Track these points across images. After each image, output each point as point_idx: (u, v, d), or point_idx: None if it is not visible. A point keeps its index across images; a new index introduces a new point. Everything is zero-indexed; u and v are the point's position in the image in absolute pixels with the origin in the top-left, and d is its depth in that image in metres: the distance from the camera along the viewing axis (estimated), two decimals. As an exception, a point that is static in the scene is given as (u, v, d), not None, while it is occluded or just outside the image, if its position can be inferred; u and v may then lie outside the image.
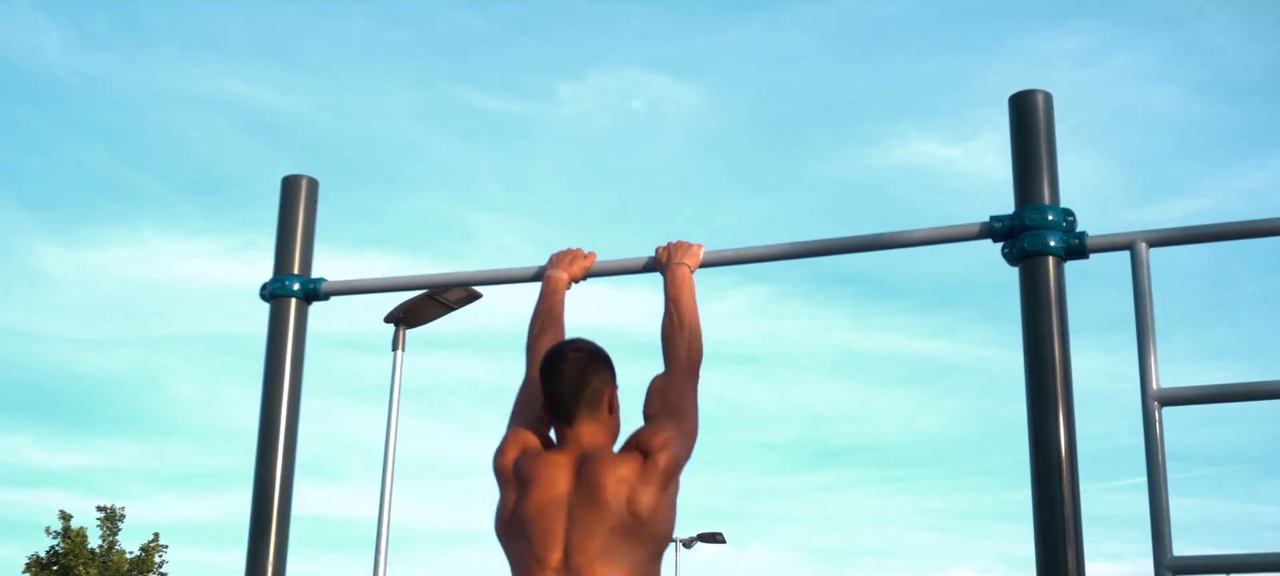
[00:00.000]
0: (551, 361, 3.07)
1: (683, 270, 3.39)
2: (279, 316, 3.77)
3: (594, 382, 3.04)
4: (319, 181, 3.93)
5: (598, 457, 2.97)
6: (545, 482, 2.98)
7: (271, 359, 3.74)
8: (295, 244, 3.84)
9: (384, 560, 9.73)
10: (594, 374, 3.04)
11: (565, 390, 3.02)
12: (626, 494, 2.91)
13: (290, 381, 3.72)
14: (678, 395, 3.13)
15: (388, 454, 10.02)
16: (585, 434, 3.02)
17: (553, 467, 2.99)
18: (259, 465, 3.67)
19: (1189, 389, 2.87)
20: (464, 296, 10.22)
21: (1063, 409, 2.98)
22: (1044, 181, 3.13)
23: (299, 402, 3.75)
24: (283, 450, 3.67)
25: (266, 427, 3.69)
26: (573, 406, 3.02)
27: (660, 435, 2.99)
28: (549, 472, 2.99)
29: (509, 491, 3.06)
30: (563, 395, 3.03)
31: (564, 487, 2.96)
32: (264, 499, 3.64)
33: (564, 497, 2.96)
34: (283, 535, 3.63)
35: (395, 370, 10.29)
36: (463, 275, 4.02)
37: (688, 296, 3.33)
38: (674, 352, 3.21)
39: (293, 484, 3.69)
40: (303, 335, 3.79)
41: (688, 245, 3.49)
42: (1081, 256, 3.09)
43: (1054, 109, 3.19)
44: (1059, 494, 2.91)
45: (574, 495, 2.95)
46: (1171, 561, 2.76)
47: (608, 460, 2.96)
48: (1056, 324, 3.02)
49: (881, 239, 3.31)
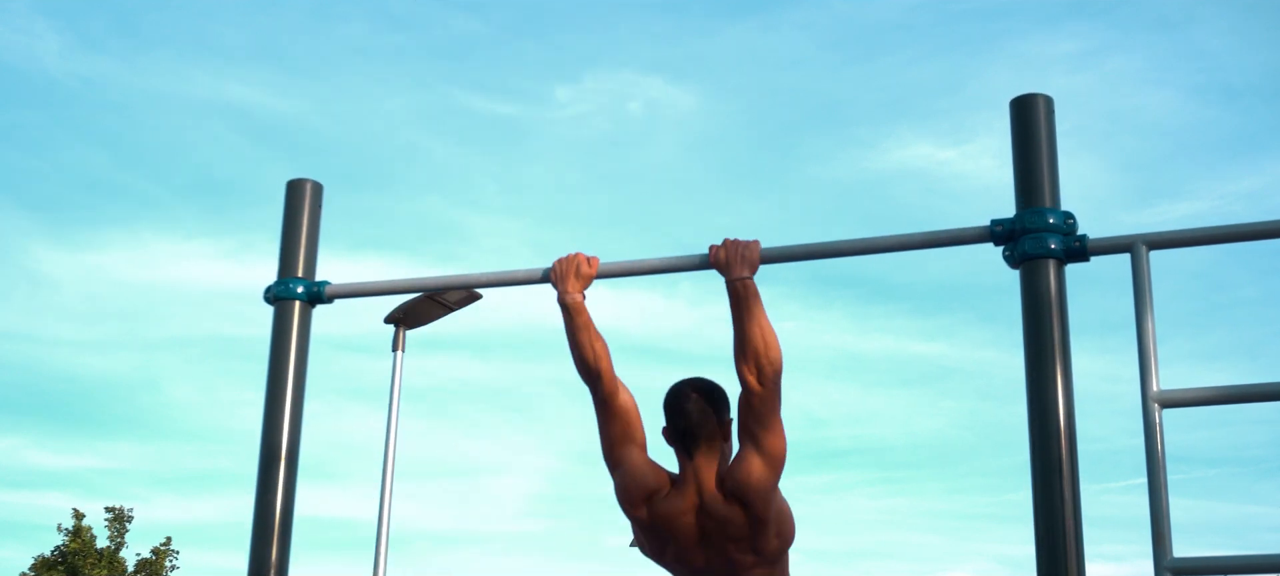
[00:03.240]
0: (677, 402, 3.45)
1: (745, 284, 3.31)
2: (283, 319, 3.77)
3: (713, 421, 3.42)
4: (323, 185, 3.94)
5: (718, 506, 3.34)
6: (684, 541, 3.39)
7: (275, 361, 3.75)
8: (299, 247, 3.84)
9: (384, 561, 9.74)
10: (715, 412, 3.43)
11: (690, 426, 3.41)
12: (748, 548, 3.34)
13: (293, 384, 3.73)
14: (770, 413, 3.33)
15: (388, 455, 10.02)
16: (703, 465, 3.40)
17: (685, 524, 3.38)
18: (261, 466, 3.67)
19: (1189, 391, 2.88)
20: (464, 297, 10.23)
21: (1063, 410, 2.98)
22: (1045, 185, 3.14)
23: (302, 404, 3.75)
24: (285, 452, 3.67)
25: (269, 430, 3.69)
26: (695, 441, 3.41)
27: (765, 489, 3.31)
28: (683, 524, 3.38)
29: (651, 537, 3.46)
30: (687, 431, 3.41)
31: (696, 542, 3.38)
32: (266, 500, 3.64)
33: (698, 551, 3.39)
34: (285, 537, 3.63)
35: (395, 371, 10.30)
36: (465, 277, 4.00)
37: (758, 308, 3.31)
38: (758, 370, 3.31)
39: (295, 485, 3.69)
40: (306, 337, 3.79)
41: (744, 246, 3.35)
42: (1082, 259, 3.10)
43: (1054, 113, 3.20)
44: (1059, 495, 2.92)
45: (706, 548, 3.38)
46: (1171, 563, 2.77)
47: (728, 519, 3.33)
48: (1057, 326, 3.03)
49: (883, 242, 3.32)
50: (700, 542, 3.36)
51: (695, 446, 3.39)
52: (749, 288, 3.31)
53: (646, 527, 3.43)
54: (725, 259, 3.34)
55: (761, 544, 3.33)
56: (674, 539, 3.39)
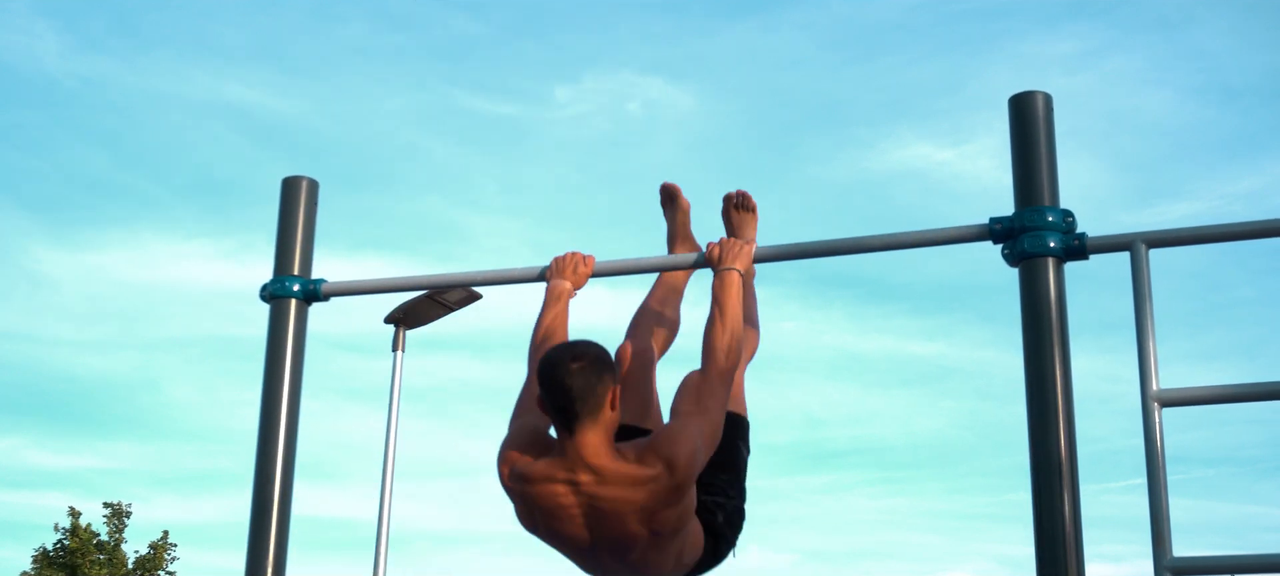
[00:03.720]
0: (552, 370, 3.10)
1: (730, 275, 3.34)
2: (279, 317, 3.76)
3: (598, 391, 3.07)
4: (318, 183, 3.93)
5: (606, 481, 3.07)
6: (559, 516, 3.13)
7: (271, 360, 3.74)
8: (295, 245, 3.83)
9: (384, 561, 9.73)
10: (597, 381, 3.08)
11: (567, 400, 3.06)
12: (645, 521, 3.07)
13: (290, 382, 3.72)
14: (710, 396, 3.19)
15: (387, 455, 10.01)
16: (587, 442, 3.07)
17: (557, 497, 3.11)
18: (259, 466, 3.66)
19: (1189, 390, 2.87)
20: (464, 297, 10.22)
21: (1062, 410, 2.97)
22: (1044, 183, 3.13)
23: (299, 403, 3.74)
24: (283, 451, 3.67)
25: (266, 428, 3.69)
26: (575, 414, 3.07)
27: (686, 444, 3.05)
28: (554, 501, 3.11)
29: (518, 504, 3.21)
30: (564, 406, 3.08)
31: (577, 517, 3.11)
32: (264, 500, 3.63)
33: (581, 526, 3.13)
34: (282, 536, 3.62)
35: (395, 371, 10.29)
36: (463, 275, 4.04)
37: (733, 300, 3.31)
38: (711, 353, 3.25)
39: (292, 484, 3.69)
40: (303, 336, 3.79)
41: (739, 245, 3.42)
42: (1081, 258, 3.09)
43: (1053, 111, 3.20)
44: (1059, 495, 2.91)
45: (590, 525, 3.12)
46: (1171, 562, 2.76)
47: (617, 483, 3.06)
48: (1056, 325, 3.02)
49: (882, 240, 3.31)
50: (582, 521, 3.10)
51: (576, 421, 3.07)
52: (728, 280, 3.33)
53: (519, 498, 3.20)
54: (718, 255, 3.40)
55: (660, 519, 3.09)
56: (549, 515, 3.14)
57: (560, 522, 3.13)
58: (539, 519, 3.17)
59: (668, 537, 3.13)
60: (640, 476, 3.04)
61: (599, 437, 3.08)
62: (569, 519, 3.12)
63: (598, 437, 3.08)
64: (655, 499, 3.05)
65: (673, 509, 3.08)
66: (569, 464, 3.09)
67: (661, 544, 3.14)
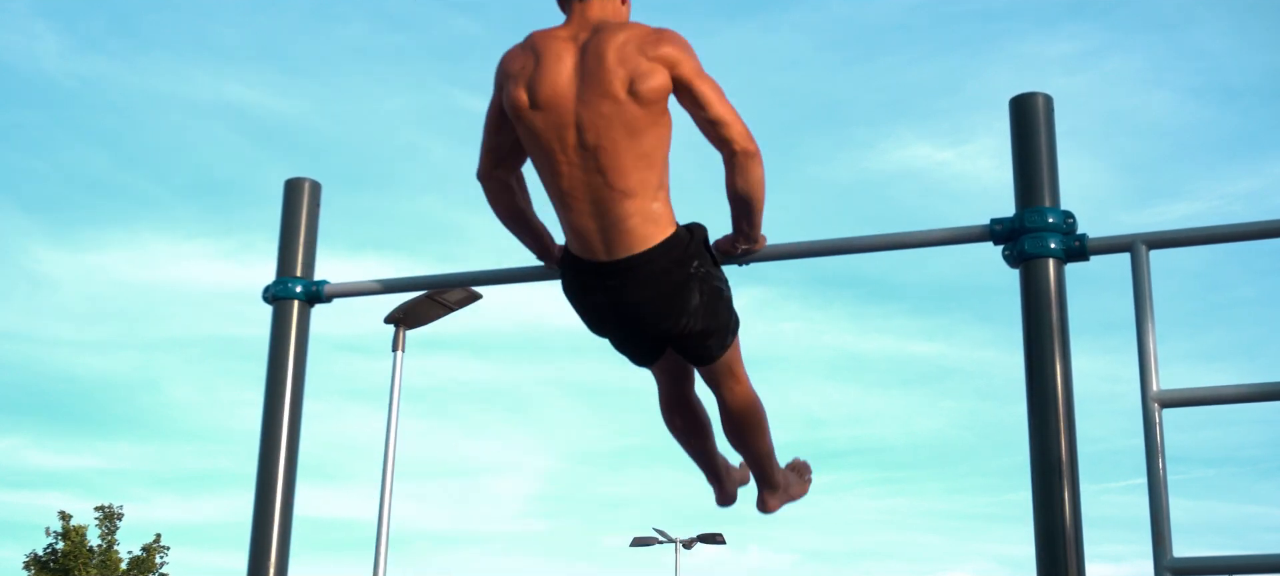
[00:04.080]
0: None
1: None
2: (282, 318, 3.77)
3: None
4: (321, 184, 3.93)
5: (605, 31, 3.03)
6: (550, 79, 3.02)
7: (274, 361, 3.75)
8: (298, 246, 3.84)
9: (384, 561, 9.74)
10: None
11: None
12: (628, 84, 2.98)
13: (293, 383, 3.72)
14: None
15: (388, 455, 10.02)
16: (593, 7, 3.10)
17: (558, 57, 3.03)
18: (261, 466, 3.67)
19: (1189, 390, 2.88)
20: (464, 297, 10.23)
21: (1063, 410, 2.98)
22: (1044, 184, 3.14)
23: (301, 404, 3.75)
24: (284, 451, 3.68)
25: (268, 429, 3.69)
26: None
27: (693, 60, 3.06)
28: (555, 61, 3.03)
29: (516, 89, 3.09)
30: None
31: (570, 78, 3.02)
32: (266, 500, 3.64)
33: (568, 90, 3.01)
34: (284, 537, 3.63)
35: (395, 371, 10.30)
36: (464, 275, 4.04)
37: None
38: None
39: (294, 485, 3.69)
40: (305, 337, 3.79)
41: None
42: (1082, 258, 3.10)
43: (1054, 112, 3.20)
44: (1059, 495, 2.92)
45: (579, 89, 3.00)
46: (1171, 562, 2.77)
47: (618, 31, 3.03)
48: (1057, 326, 3.03)
49: (883, 241, 3.31)
50: (572, 83, 3.01)
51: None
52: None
53: (524, 81, 3.07)
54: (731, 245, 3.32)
55: (645, 89, 3.00)
56: (542, 81, 3.03)
57: (548, 84, 3.02)
58: (536, 89, 3.04)
59: (645, 124, 3.02)
60: (644, 37, 3.05)
61: (606, 11, 3.09)
62: (561, 79, 3.02)
63: (605, 10, 3.10)
64: (647, 68, 3.01)
65: (656, 80, 3.00)
66: (573, 29, 3.09)
67: (636, 128, 3.01)
